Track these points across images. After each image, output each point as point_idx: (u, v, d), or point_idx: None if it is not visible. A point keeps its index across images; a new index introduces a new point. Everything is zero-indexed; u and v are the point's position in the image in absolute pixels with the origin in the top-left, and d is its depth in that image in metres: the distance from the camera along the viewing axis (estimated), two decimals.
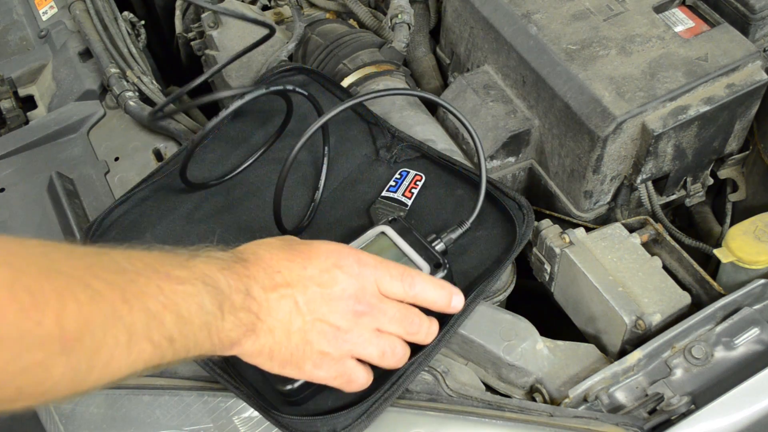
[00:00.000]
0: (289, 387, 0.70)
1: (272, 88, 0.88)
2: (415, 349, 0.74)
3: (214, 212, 0.92)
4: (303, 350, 0.67)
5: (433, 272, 0.76)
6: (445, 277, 0.76)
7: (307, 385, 0.71)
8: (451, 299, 0.74)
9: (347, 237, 0.83)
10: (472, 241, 0.86)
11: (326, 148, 0.94)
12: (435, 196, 0.92)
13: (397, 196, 0.91)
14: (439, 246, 0.82)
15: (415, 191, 0.92)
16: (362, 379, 0.70)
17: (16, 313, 0.48)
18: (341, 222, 0.91)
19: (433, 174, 0.94)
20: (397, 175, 0.93)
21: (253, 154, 0.97)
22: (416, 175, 0.93)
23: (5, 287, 0.48)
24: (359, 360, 0.71)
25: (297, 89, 0.89)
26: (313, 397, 0.73)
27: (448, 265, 0.77)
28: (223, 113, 0.84)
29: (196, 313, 0.59)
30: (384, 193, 0.92)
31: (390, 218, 0.82)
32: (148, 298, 0.56)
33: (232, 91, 0.86)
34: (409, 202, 0.90)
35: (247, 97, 0.84)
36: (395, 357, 0.71)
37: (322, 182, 0.93)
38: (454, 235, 0.83)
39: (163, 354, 0.57)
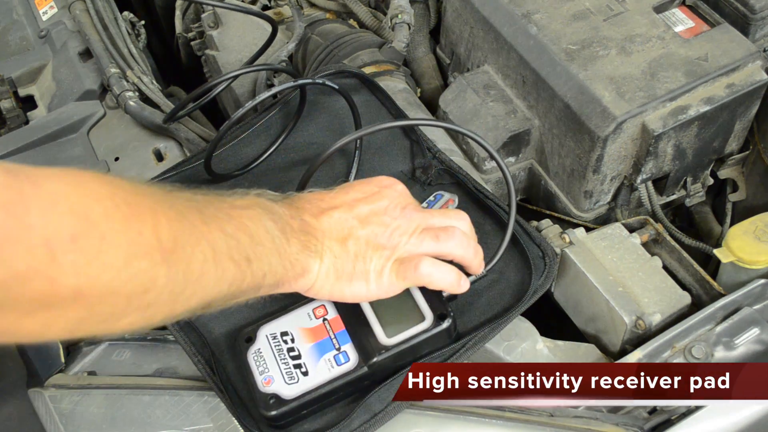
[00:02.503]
0: (273, 413, 0.70)
1: (301, 81, 0.87)
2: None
3: None
4: (363, 256, 0.70)
5: (434, 324, 0.74)
6: (447, 330, 0.74)
7: (289, 413, 0.71)
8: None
9: None
10: (484, 283, 0.82)
11: (357, 153, 0.93)
12: None
13: None
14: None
15: None
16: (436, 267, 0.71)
17: (121, 222, 0.51)
18: None
19: (464, 204, 0.90)
20: (431, 198, 0.90)
21: (277, 148, 0.96)
22: (450, 198, 0.90)
23: (108, 198, 0.51)
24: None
25: (327, 82, 0.88)
26: (294, 424, 0.72)
27: (452, 316, 0.74)
28: (251, 103, 0.84)
29: (264, 235, 0.63)
30: None
31: None
32: (222, 221, 0.60)
33: (262, 67, 0.86)
34: None
35: (276, 89, 0.83)
36: (453, 238, 0.72)
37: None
38: None
39: (244, 274, 0.61)
